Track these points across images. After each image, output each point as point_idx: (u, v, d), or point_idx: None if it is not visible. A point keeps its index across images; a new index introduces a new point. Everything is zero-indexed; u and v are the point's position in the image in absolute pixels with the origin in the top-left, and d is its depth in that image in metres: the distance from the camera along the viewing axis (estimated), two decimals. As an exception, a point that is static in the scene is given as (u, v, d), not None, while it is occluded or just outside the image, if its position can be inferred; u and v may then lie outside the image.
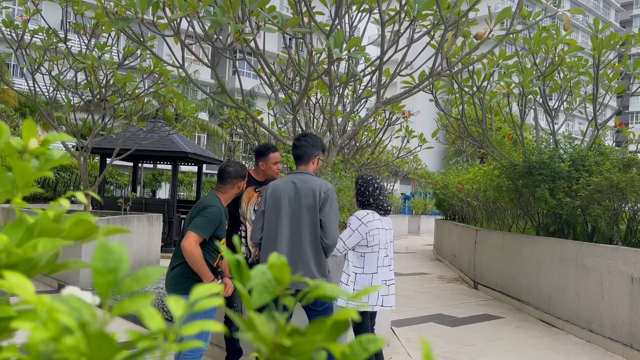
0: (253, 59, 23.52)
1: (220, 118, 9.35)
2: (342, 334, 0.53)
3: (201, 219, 3.41)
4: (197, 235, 3.38)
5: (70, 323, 0.48)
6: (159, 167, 23.73)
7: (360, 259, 3.75)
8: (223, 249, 0.61)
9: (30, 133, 0.66)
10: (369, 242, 3.71)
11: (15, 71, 24.11)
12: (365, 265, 3.73)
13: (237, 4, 4.15)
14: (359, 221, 3.70)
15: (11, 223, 0.61)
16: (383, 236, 3.79)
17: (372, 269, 3.74)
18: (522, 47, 7.87)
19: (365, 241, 3.70)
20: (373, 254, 3.74)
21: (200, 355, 3.53)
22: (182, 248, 3.38)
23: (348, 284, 3.73)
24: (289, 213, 3.44)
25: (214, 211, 3.44)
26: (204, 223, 3.40)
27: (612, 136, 36.77)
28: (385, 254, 3.80)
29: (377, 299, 3.75)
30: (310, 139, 3.68)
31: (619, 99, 48.35)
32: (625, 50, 7.85)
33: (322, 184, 3.48)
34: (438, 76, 5.40)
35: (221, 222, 3.49)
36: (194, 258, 3.35)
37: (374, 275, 3.75)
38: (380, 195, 3.85)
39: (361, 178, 3.93)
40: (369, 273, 3.74)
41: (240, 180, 3.65)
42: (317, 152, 3.63)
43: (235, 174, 3.63)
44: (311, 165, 3.60)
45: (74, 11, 7.87)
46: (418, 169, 28.00)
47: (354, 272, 3.75)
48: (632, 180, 6.15)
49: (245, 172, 3.69)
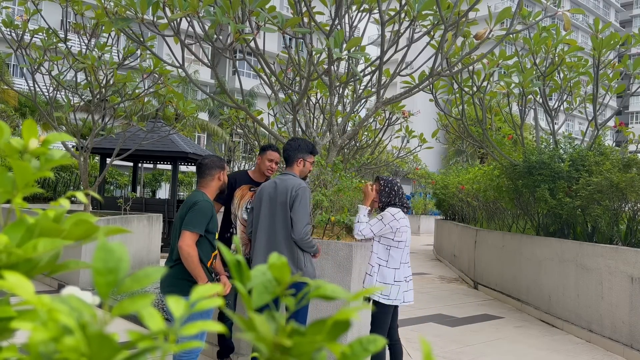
0: (253, 59, 23.52)
1: (220, 118, 9.35)
2: (342, 334, 0.53)
3: (192, 215, 3.38)
4: (193, 234, 3.36)
5: (71, 323, 0.48)
6: (159, 167, 23.73)
7: (385, 251, 3.89)
8: (222, 247, 0.61)
9: (30, 133, 0.66)
10: (395, 237, 3.88)
11: (15, 71, 24.10)
12: (390, 259, 3.88)
13: (237, 4, 4.15)
14: (391, 217, 3.89)
15: (11, 223, 0.61)
16: (408, 234, 3.99)
17: (395, 264, 3.88)
18: (522, 47, 7.87)
19: (393, 235, 3.87)
20: (398, 250, 3.89)
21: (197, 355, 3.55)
22: (179, 248, 3.36)
23: (372, 275, 3.88)
24: (267, 210, 3.73)
25: (204, 205, 3.43)
26: (196, 219, 3.37)
27: (612, 136, 36.79)
28: (407, 252, 3.98)
29: (398, 294, 3.86)
30: (294, 142, 3.95)
31: (619, 99, 48.35)
32: (625, 50, 7.85)
33: (295, 183, 3.71)
34: (438, 76, 5.40)
35: (212, 215, 3.49)
36: (190, 259, 3.33)
37: (397, 271, 3.88)
38: (403, 195, 4.08)
39: (383, 179, 4.09)
40: (392, 268, 3.87)
41: (219, 171, 3.63)
42: (301, 154, 3.89)
43: (211, 165, 3.62)
44: (295, 167, 3.87)
45: (74, 11, 7.87)
46: (418, 169, 28.00)
47: (378, 264, 3.88)
48: (632, 180, 6.15)
49: (222, 163, 3.68)
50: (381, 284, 3.82)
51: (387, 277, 3.86)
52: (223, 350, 4.45)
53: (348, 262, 4.42)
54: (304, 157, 3.90)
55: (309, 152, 3.94)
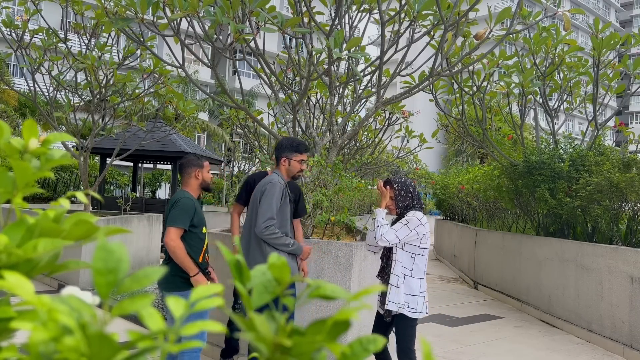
0: (253, 59, 23.51)
1: (220, 118, 9.35)
2: (342, 334, 0.53)
3: (174, 211, 3.54)
4: (176, 229, 3.51)
5: (70, 323, 0.49)
6: (159, 167, 23.72)
7: (410, 260, 3.60)
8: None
9: (30, 133, 0.66)
10: (422, 244, 3.61)
11: (15, 71, 24.10)
12: (414, 267, 3.59)
13: (237, 4, 4.15)
14: (418, 221, 3.58)
15: (11, 223, 0.61)
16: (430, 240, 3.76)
17: (420, 273, 3.61)
18: (522, 47, 7.87)
19: (419, 241, 3.59)
20: (423, 257, 3.63)
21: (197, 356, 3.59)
22: (165, 245, 3.52)
23: (398, 286, 3.55)
24: (250, 208, 3.89)
25: (184, 202, 3.57)
26: (178, 214, 3.52)
27: (612, 136, 36.77)
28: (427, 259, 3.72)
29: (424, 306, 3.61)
30: (279, 142, 3.99)
31: (619, 99, 48.34)
32: (625, 50, 7.85)
33: (267, 179, 3.78)
34: (438, 76, 5.40)
35: (196, 211, 3.60)
36: (176, 252, 3.48)
37: (421, 281, 3.60)
38: (419, 194, 3.79)
39: (396, 182, 3.74)
40: (417, 277, 3.59)
41: (194, 169, 3.73)
42: (285, 153, 3.89)
43: (188, 164, 3.75)
44: (281, 166, 3.90)
45: (74, 11, 7.87)
46: (418, 169, 27.99)
47: (403, 274, 3.59)
48: (632, 180, 6.15)
49: (199, 162, 3.77)
50: (409, 296, 3.54)
51: (414, 288, 3.55)
52: (228, 350, 4.46)
53: (348, 262, 4.42)
54: (287, 156, 3.89)
55: (294, 151, 3.90)
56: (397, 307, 3.54)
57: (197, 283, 3.52)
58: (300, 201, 4.35)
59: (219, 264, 4.87)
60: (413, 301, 3.54)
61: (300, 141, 4.03)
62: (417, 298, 3.55)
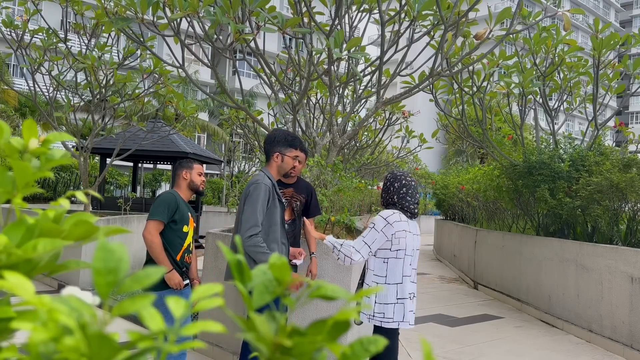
0: (253, 59, 23.51)
1: (220, 118, 9.35)
2: (343, 334, 0.53)
3: (153, 205, 3.59)
4: (154, 222, 3.52)
5: (71, 323, 0.48)
6: (159, 167, 23.72)
7: (382, 266, 3.27)
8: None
9: (30, 133, 0.66)
10: (393, 246, 3.26)
11: (15, 71, 24.10)
12: (389, 274, 3.25)
13: (237, 4, 4.15)
14: (384, 221, 3.27)
15: (11, 223, 0.61)
16: (410, 240, 3.33)
17: (396, 278, 3.25)
18: (522, 47, 7.87)
19: (390, 244, 3.25)
20: (398, 260, 3.27)
21: None
22: (143, 237, 3.53)
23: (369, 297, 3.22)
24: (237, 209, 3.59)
25: (165, 196, 3.62)
26: (156, 208, 3.56)
27: (612, 136, 36.78)
28: (409, 262, 3.33)
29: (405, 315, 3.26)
30: (271, 134, 3.63)
31: (619, 99, 48.33)
32: (625, 51, 7.85)
33: (253, 180, 3.43)
34: (438, 76, 5.40)
35: (178, 207, 3.60)
36: (152, 246, 3.49)
37: (399, 285, 3.25)
38: (406, 195, 3.39)
39: (390, 173, 3.48)
40: (393, 283, 3.25)
41: (182, 170, 3.78)
42: (278, 147, 3.53)
43: (178, 165, 3.82)
44: (272, 163, 3.55)
45: (74, 11, 7.87)
46: (418, 169, 27.99)
47: (375, 282, 3.26)
48: (632, 180, 6.15)
49: (190, 164, 3.81)
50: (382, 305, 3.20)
51: (388, 296, 3.22)
52: None
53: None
54: (281, 150, 3.52)
55: (288, 145, 3.52)
56: (367, 319, 3.23)
57: (170, 280, 3.47)
58: (312, 200, 4.08)
59: (219, 263, 4.88)
60: (388, 310, 3.20)
61: (294, 135, 3.66)
62: (392, 306, 3.21)
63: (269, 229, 3.40)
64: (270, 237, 3.40)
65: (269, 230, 3.39)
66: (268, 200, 3.37)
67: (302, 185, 4.10)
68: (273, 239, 3.41)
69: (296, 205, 4.05)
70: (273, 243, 3.42)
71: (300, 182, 4.10)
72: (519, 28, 6.86)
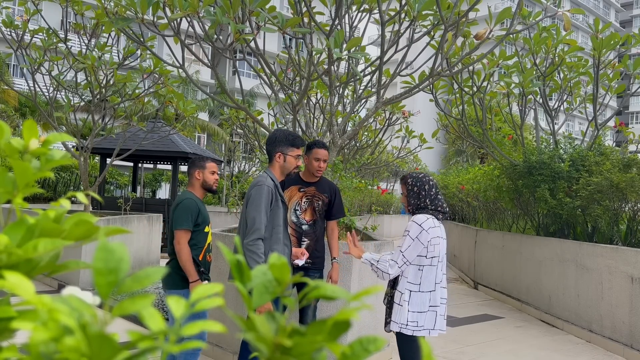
0: (253, 59, 23.51)
1: (220, 118, 9.35)
2: (343, 334, 0.53)
3: (177, 214, 3.66)
4: (182, 231, 3.61)
5: (71, 323, 0.49)
6: (159, 167, 23.73)
7: (417, 273, 3.13)
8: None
9: (31, 133, 0.66)
10: (428, 253, 3.13)
11: (15, 71, 24.10)
12: (423, 281, 3.12)
13: (237, 4, 4.15)
14: (419, 227, 3.12)
15: (12, 223, 0.61)
16: (442, 247, 3.21)
17: (429, 286, 3.13)
18: (522, 47, 7.87)
19: (426, 251, 3.12)
20: (432, 267, 3.15)
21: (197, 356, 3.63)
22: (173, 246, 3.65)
23: (401, 304, 3.11)
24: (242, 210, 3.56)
25: (186, 203, 3.67)
26: (181, 216, 3.64)
27: (612, 136, 36.75)
28: (441, 268, 3.21)
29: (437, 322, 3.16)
30: (272, 134, 3.60)
31: (619, 99, 48.33)
32: (625, 51, 7.85)
33: (254, 182, 3.43)
34: (438, 76, 5.39)
35: (199, 211, 3.70)
36: (181, 255, 3.59)
37: (432, 293, 3.14)
38: (437, 194, 3.27)
39: (411, 177, 3.31)
40: (427, 291, 3.13)
41: (194, 169, 3.81)
42: (280, 147, 3.50)
43: (192, 164, 3.85)
44: (275, 163, 3.53)
45: (74, 11, 7.87)
46: (418, 169, 27.99)
47: (408, 290, 3.12)
48: (632, 180, 6.15)
49: (201, 162, 3.82)
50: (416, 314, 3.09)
51: (423, 304, 3.11)
52: None
53: (348, 262, 4.41)
54: (283, 150, 3.48)
55: (290, 145, 3.49)
56: (398, 327, 3.12)
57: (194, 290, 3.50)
58: (336, 201, 3.94)
59: (219, 263, 4.88)
60: (421, 318, 3.11)
61: (296, 134, 3.63)
62: (425, 314, 3.11)
63: (272, 230, 3.39)
64: (273, 238, 3.40)
65: (272, 231, 3.39)
66: (271, 201, 3.36)
67: (325, 184, 3.96)
68: (276, 240, 3.40)
69: (318, 205, 3.90)
70: (276, 244, 3.40)
71: (323, 181, 3.96)
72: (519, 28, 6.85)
